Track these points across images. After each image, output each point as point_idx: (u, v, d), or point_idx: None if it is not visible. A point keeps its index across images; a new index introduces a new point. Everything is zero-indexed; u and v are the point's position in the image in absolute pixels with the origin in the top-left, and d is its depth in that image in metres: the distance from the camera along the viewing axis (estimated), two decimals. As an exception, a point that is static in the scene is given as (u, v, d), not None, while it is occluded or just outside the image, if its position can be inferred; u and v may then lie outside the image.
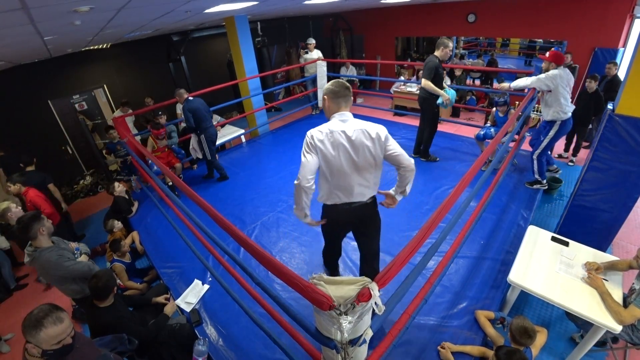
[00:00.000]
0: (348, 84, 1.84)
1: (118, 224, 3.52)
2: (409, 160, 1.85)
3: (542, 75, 3.33)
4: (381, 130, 1.79)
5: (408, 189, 2.04)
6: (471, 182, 1.98)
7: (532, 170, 3.75)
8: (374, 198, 2.07)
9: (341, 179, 1.85)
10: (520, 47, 12.51)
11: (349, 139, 1.76)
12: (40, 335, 1.32)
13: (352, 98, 1.88)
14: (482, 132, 4.28)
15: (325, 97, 1.85)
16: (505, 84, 3.82)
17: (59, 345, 1.38)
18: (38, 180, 3.80)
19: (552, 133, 3.50)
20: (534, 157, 3.68)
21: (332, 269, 2.60)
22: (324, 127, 1.79)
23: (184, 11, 3.03)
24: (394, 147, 1.82)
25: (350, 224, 2.13)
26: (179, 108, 5.79)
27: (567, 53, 5.80)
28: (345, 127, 1.77)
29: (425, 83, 3.87)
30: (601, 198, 2.72)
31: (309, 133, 1.79)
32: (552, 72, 3.30)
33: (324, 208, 2.08)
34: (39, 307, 1.38)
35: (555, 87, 3.28)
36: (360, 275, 2.07)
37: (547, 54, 3.43)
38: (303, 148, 1.80)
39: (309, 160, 1.78)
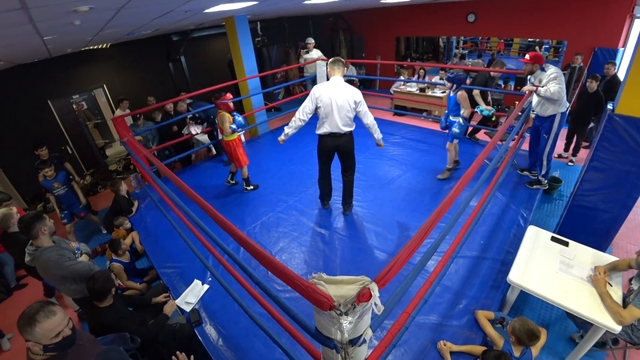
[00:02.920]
0: (343, 59, 3.01)
1: (127, 223, 3.56)
2: (368, 119, 3.11)
3: (555, 86, 3.20)
4: (357, 95, 2.99)
5: (377, 135, 3.24)
6: (470, 181, 1.98)
7: (540, 171, 3.72)
8: (350, 132, 3.15)
9: (330, 117, 3.01)
10: (521, 47, 12.53)
11: (336, 93, 2.94)
12: (36, 330, 1.33)
13: (344, 68, 3.03)
14: (443, 120, 4.02)
15: (328, 66, 3.07)
16: (534, 89, 3.45)
17: (59, 338, 1.38)
18: (56, 161, 4.04)
19: (555, 126, 3.46)
20: (544, 157, 3.64)
21: (323, 190, 3.61)
22: (323, 85, 3.00)
23: (184, 11, 3.03)
24: (362, 108, 3.04)
25: (334, 148, 3.21)
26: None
27: (577, 54, 5.78)
28: (336, 86, 2.96)
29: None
30: (601, 198, 2.72)
31: (313, 88, 3.03)
32: (556, 74, 3.24)
33: (318, 136, 3.20)
34: (30, 306, 1.39)
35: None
36: (342, 176, 3.44)
37: (527, 57, 3.41)
38: (308, 97, 3.04)
39: (306, 105, 3.04)
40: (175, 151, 5.36)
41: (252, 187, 4.24)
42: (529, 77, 3.55)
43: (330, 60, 3.01)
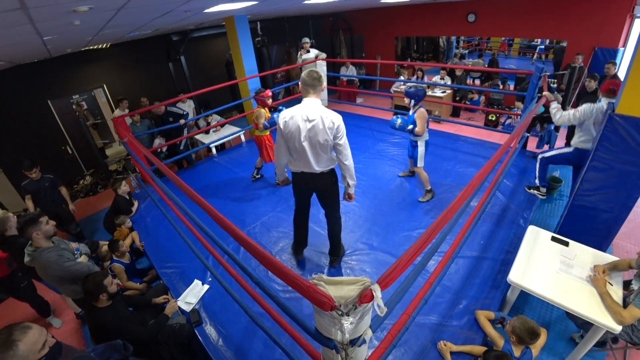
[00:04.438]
0: (318, 75, 2.21)
1: (128, 221, 3.58)
2: (345, 157, 2.31)
3: (572, 113, 3.12)
4: (337, 120, 2.19)
5: (350, 181, 2.47)
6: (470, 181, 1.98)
7: (535, 172, 3.70)
8: (330, 172, 2.45)
9: (298, 152, 2.29)
10: (521, 47, 12.54)
11: (306, 120, 2.19)
12: (20, 349, 1.21)
13: (321, 87, 2.24)
14: (395, 119, 3.54)
15: (300, 85, 2.27)
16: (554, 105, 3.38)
17: (46, 349, 1.29)
18: (48, 184, 3.81)
19: (565, 151, 3.40)
20: (539, 157, 3.62)
21: (297, 234, 2.96)
22: (291, 110, 2.24)
23: (184, 11, 3.03)
24: (342, 140, 2.26)
25: (310, 189, 2.59)
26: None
27: (578, 54, 5.78)
28: (307, 110, 2.19)
29: None
30: (601, 198, 2.71)
31: (280, 114, 2.28)
32: (584, 107, 3.07)
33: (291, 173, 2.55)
34: None
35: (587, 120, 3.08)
36: (328, 234, 2.81)
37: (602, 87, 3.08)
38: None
39: (278, 142, 2.36)
40: (170, 152, 5.36)
41: (259, 176, 4.45)
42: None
43: (301, 78, 2.24)
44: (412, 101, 3.39)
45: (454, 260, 2.36)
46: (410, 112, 3.45)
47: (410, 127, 3.38)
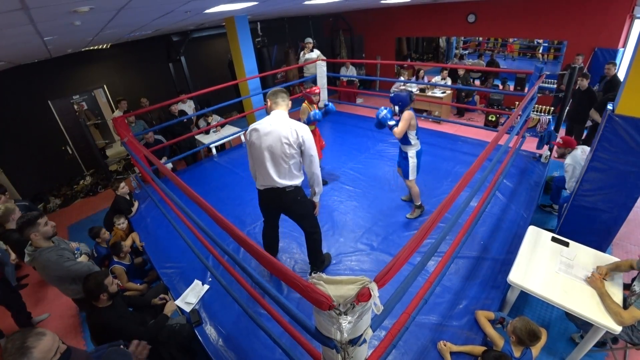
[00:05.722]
0: (285, 89, 2.29)
1: (123, 222, 3.56)
2: (311, 166, 2.26)
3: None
4: (302, 131, 2.16)
5: (316, 189, 2.42)
6: (470, 182, 1.98)
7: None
8: (295, 188, 2.35)
9: (260, 166, 2.24)
10: (520, 47, 12.52)
11: (269, 132, 2.15)
12: (34, 356, 1.20)
13: (288, 100, 2.27)
14: (382, 109, 3.19)
15: (268, 99, 2.29)
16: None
17: (58, 356, 1.28)
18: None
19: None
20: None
21: (266, 241, 2.85)
22: (258, 123, 2.22)
23: (184, 11, 3.03)
24: (309, 151, 2.21)
25: (278, 208, 2.50)
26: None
27: (578, 55, 5.77)
28: (272, 122, 2.17)
29: None
30: (601, 198, 2.71)
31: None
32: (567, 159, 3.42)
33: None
34: (9, 338, 1.24)
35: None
36: (308, 250, 2.71)
37: (560, 140, 3.53)
38: None
39: (248, 155, 2.33)
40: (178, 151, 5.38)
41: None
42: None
43: (270, 91, 2.27)
44: (397, 107, 3.06)
45: (453, 261, 2.36)
46: (397, 118, 3.11)
47: (392, 123, 3.06)
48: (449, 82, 7.03)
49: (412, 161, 3.19)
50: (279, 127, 2.14)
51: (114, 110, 6.67)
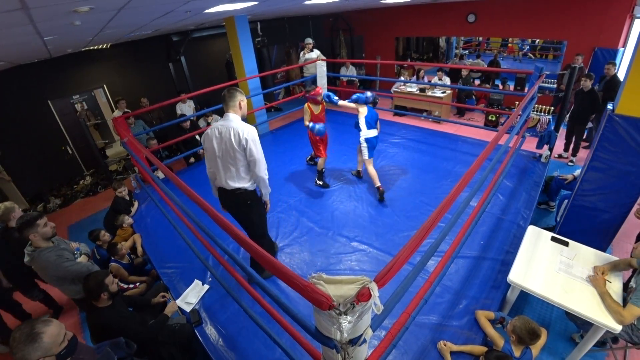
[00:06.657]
0: (236, 92, 2.25)
1: (128, 220, 3.56)
2: (258, 168, 2.26)
3: None
4: (247, 133, 2.17)
5: (264, 191, 2.46)
6: (470, 182, 1.98)
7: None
8: (245, 192, 2.37)
9: (214, 165, 2.32)
10: (520, 47, 12.52)
11: (218, 133, 2.22)
12: (45, 341, 1.26)
13: (239, 102, 2.27)
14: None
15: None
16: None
17: (66, 342, 1.35)
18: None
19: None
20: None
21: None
22: (211, 125, 2.28)
23: (184, 11, 3.03)
24: (253, 154, 2.21)
25: (228, 208, 2.54)
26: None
27: (578, 55, 5.77)
28: (222, 124, 2.22)
29: None
30: (601, 198, 2.72)
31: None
32: None
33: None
34: (17, 329, 1.28)
35: None
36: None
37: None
38: None
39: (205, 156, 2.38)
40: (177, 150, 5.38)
41: (321, 183, 4.16)
42: None
43: (224, 92, 2.27)
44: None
45: (453, 260, 2.36)
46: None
47: (336, 98, 3.89)
48: (447, 81, 7.02)
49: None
50: (226, 131, 2.20)
51: (113, 110, 6.67)
